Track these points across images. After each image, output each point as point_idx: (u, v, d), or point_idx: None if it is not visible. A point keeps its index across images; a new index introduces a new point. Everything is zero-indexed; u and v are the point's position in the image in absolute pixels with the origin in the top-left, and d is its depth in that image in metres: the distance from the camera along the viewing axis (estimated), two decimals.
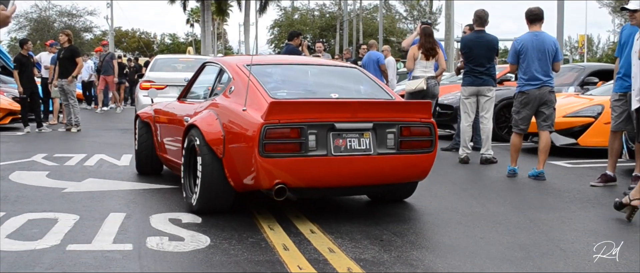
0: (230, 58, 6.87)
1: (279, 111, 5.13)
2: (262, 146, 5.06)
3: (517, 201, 6.48)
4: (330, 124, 5.25)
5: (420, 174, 5.78)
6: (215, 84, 6.53)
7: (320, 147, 5.23)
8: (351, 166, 5.36)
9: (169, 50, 76.94)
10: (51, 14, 55.04)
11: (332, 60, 16.47)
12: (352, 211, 6.03)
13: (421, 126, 5.56)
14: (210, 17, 44.72)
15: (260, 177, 5.17)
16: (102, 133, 13.79)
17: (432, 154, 5.65)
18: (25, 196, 6.46)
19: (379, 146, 5.42)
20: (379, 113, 5.47)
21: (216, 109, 5.86)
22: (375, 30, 48.63)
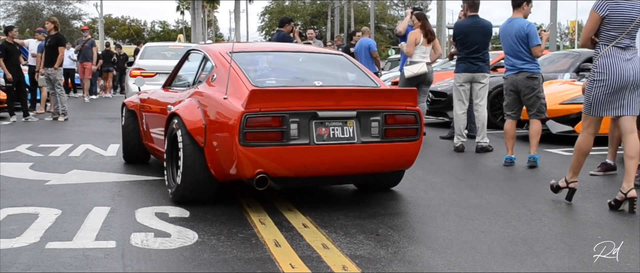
0: (214, 45, 6.68)
1: (260, 99, 5.00)
2: (243, 135, 4.93)
3: (516, 192, 6.27)
4: (312, 112, 5.12)
5: (405, 163, 5.65)
6: (199, 71, 6.36)
7: (302, 136, 5.10)
8: (334, 155, 5.23)
9: (159, 38, 76.53)
10: (39, 2, 54.45)
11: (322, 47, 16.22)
12: (346, 203, 5.81)
13: (406, 114, 5.44)
14: (201, 4, 44.30)
15: (241, 166, 5.04)
16: (90, 122, 13.51)
17: (418, 143, 5.54)
18: (5, 189, 6.21)
19: (363, 135, 5.29)
20: (363, 100, 5.34)
21: (198, 98, 5.71)
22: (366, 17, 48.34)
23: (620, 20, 5.39)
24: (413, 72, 9.81)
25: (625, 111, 5.47)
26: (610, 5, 5.40)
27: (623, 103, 5.45)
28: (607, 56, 5.43)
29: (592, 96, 5.50)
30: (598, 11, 5.45)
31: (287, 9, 54.89)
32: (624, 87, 5.41)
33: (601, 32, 5.49)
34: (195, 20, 42.96)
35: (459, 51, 9.10)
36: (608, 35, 5.45)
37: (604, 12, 5.42)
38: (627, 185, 5.33)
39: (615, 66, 5.40)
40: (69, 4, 55.71)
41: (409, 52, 9.89)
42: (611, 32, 5.43)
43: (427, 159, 8.30)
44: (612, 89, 5.41)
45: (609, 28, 5.43)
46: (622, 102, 5.44)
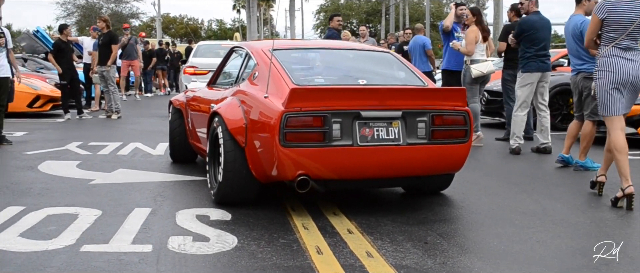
0: (256, 42, 6.53)
1: (301, 98, 4.82)
2: (283, 135, 4.76)
3: (575, 198, 5.93)
4: (355, 112, 4.91)
5: (454, 166, 5.38)
6: (242, 69, 6.20)
7: (345, 136, 4.89)
8: (378, 157, 5.00)
9: (215, 36, 77.15)
10: (98, 1, 55.42)
11: (375, 45, 15.97)
12: (394, 207, 5.56)
13: (455, 114, 5.17)
14: (256, 2, 44.40)
15: (281, 168, 4.87)
16: (142, 120, 13.53)
17: (467, 145, 5.26)
18: (50, 188, 6.15)
19: (409, 136, 5.06)
20: (409, 100, 5.09)
21: (240, 96, 5.58)
22: (422, 15, 47.80)
23: (619, 22, 5.51)
24: (482, 71, 9.41)
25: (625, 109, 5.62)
26: (609, 8, 5.55)
27: (624, 101, 5.57)
28: (606, 55, 5.57)
29: (600, 97, 5.62)
30: (598, 14, 5.60)
31: (342, 7, 54.66)
32: (623, 85, 5.51)
33: (602, 33, 5.63)
34: (250, 19, 43.07)
35: (525, 48, 8.65)
36: (608, 36, 5.59)
37: (603, 14, 5.57)
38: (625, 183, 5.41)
39: (614, 64, 5.51)
40: (126, 3, 56.61)
41: (470, 51, 9.49)
42: (611, 34, 5.56)
43: (481, 162, 8.01)
44: (613, 82, 5.51)
45: (609, 30, 5.57)
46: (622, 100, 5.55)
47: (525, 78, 8.63)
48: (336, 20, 13.31)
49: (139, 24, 59.87)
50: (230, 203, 5.39)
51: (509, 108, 9.92)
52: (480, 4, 52.67)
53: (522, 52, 8.68)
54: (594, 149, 7.52)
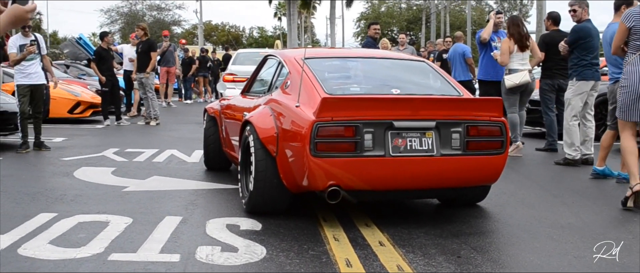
0: (289, 51, 6.49)
1: (332, 108, 4.75)
2: (314, 145, 4.70)
3: (617, 211, 5.74)
4: (388, 122, 4.82)
5: (489, 177, 5.27)
6: (275, 78, 6.17)
7: (377, 147, 4.80)
8: (412, 167, 4.90)
9: (257, 44, 77.56)
10: (141, 8, 56.13)
11: (414, 53, 15.84)
12: (427, 219, 5.44)
13: (490, 125, 5.04)
14: (296, 10, 44.49)
15: (312, 178, 4.81)
16: (180, 126, 13.59)
17: (503, 156, 5.13)
18: (83, 195, 6.16)
19: (443, 147, 4.95)
20: (443, 110, 4.99)
21: (272, 105, 5.53)
22: (463, 23, 47.41)
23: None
24: (514, 82, 9.21)
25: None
26: (636, 16, 5.72)
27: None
28: (632, 63, 5.76)
29: (621, 101, 5.88)
30: (625, 22, 5.81)
31: (383, 15, 54.45)
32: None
33: (629, 41, 5.80)
34: (291, 26, 43.20)
35: (580, 56, 8.33)
36: (635, 44, 5.76)
37: (631, 23, 5.75)
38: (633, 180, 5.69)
39: (638, 73, 5.70)
40: (169, 11, 57.20)
41: (503, 61, 9.32)
42: (637, 42, 5.74)
43: (520, 173, 7.84)
44: (636, 94, 5.71)
45: (636, 38, 5.75)
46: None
47: (580, 86, 8.36)
48: (373, 28, 13.22)
49: (180, 32, 60.45)
50: (261, 213, 5.34)
51: (548, 118, 9.72)
52: (523, 11, 52.16)
53: (577, 60, 8.38)
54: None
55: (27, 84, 9.21)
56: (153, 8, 56.47)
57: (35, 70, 9.26)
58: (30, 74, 9.22)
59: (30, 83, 9.23)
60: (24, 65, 9.22)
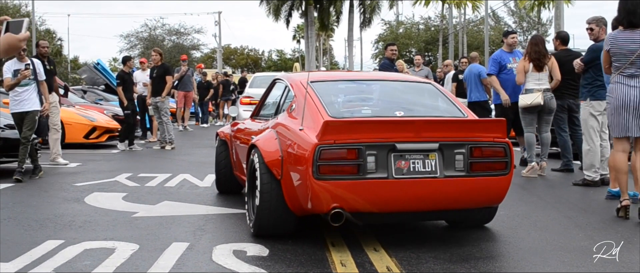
0: (295, 74, 6.51)
1: (335, 131, 4.77)
2: (317, 168, 4.71)
3: (631, 233, 5.62)
4: (391, 144, 4.83)
5: (494, 199, 5.24)
6: (281, 101, 6.22)
7: (380, 169, 4.81)
8: (415, 190, 4.89)
9: (276, 66, 77.86)
10: (160, 33, 56.54)
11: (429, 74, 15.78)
12: (437, 242, 5.35)
13: (495, 146, 5.04)
14: (314, 32, 44.69)
15: (316, 200, 4.81)
16: (195, 150, 13.60)
17: (508, 177, 5.10)
18: (92, 221, 6.14)
19: (447, 169, 4.94)
20: (446, 132, 5.00)
21: (277, 129, 5.57)
22: (481, 43, 47.31)
23: (620, 52, 6.21)
24: (526, 102, 9.12)
25: (630, 132, 6.19)
26: (611, 40, 6.30)
27: (630, 126, 6.17)
28: (614, 82, 6.29)
29: (610, 119, 6.38)
30: (605, 47, 6.37)
31: (401, 36, 54.42)
32: (626, 109, 6.16)
33: (612, 63, 6.33)
34: (309, 49, 43.39)
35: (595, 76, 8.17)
36: (614, 65, 6.31)
37: (607, 46, 6.32)
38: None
39: (618, 90, 6.21)
40: (188, 35, 57.57)
41: (519, 80, 9.25)
42: (616, 63, 6.27)
43: (534, 194, 7.73)
44: (615, 108, 6.22)
45: (614, 60, 6.29)
46: (629, 124, 6.17)
47: (595, 107, 8.23)
48: (390, 49, 13.22)
49: (200, 56, 60.81)
50: (268, 237, 5.31)
51: (561, 138, 9.61)
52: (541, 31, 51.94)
53: (592, 80, 8.25)
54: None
55: (18, 112, 9.05)
56: (172, 33, 56.87)
57: (29, 96, 9.09)
58: (22, 101, 9.03)
59: (21, 110, 9.02)
60: (17, 91, 9.05)
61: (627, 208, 6.16)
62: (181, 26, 57.61)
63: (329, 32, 65.66)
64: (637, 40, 6.16)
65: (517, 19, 60.90)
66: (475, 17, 55.50)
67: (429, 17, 57.38)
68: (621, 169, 6.26)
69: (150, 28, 56.34)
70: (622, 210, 6.20)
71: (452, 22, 48.67)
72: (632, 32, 6.23)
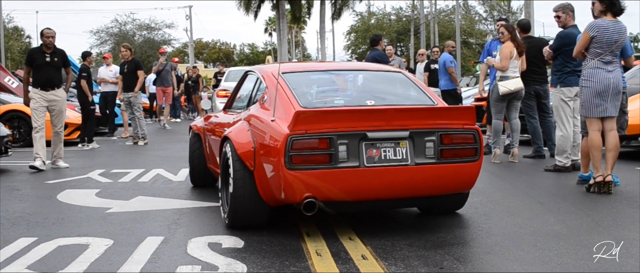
0: (267, 66, 6.52)
1: (306, 121, 4.80)
2: (289, 158, 4.74)
3: (602, 216, 5.70)
4: (362, 133, 4.87)
5: (464, 185, 5.30)
6: (253, 93, 6.25)
7: (351, 158, 4.86)
8: (386, 177, 4.95)
9: (248, 60, 77.56)
10: (131, 28, 56.06)
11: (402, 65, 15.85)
12: (411, 229, 5.38)
13: (464, 133, 5.10)
14: (286, 25, 44.56)
15: (288, 190, 4.84)
16: (168, 145, 13.53)
17: (478, 163, 5.17)
18: (65, 218, 6.09)
19: (417, 156, 5.00)
20: (416, 120, 5.05)
21: (249, 120, 5.59)
22: (453, 32, 47.51)
23: (605, 41, 6.66)
24: (509, 88, 9.16)
25: (607, 112, 6.70)
26: (599, 28, 6.66)
27: (607, 106, 6.68)
28: (592, 67, 6.73)
29: (584, 100, 6.78)
30: (589, 32, 6.71)
31: (373, 27, 54.40)
32: (605, 93, 6.66)
33: (590, 48, 6.75)
34: (281, 42, 43.27)
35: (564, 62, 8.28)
36: (595, 51, 6.73)
37: (593, 33, 6.68)
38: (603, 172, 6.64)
39: (598, 75, 6.68)
40: (159, 30, 57.17)
41: (504, 66, 9.22)
42: (597, 50, 6.70)
43: (507, 181, 7.81)
44: (596, 92, 6.67)
45: (596, 46, 6.70)
46: (605, 105, 6.68)
47: (565, 93, 8.32)
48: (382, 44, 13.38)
49: (171, 51, 60.40)
50: (242, 227, 5.35)
51: (531, 125, 9.71)
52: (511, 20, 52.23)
53: (561, 66, 8.34)
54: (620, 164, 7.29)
55: None
56: (143, 28, 56.42)
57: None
58: None
59: None
60: None
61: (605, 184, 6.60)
62: (152, 21, 57.35)
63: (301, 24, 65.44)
64: (619, 31, 6.68)
65: (488, 8, 61.24)
66: (447, 7, 55.73)
67: (400, 7, 57.49)
68: (598, 147, 6.71)
69: (120, 23, 55.90)
70: (595, 186, 6.64)
71: (423, 12, 48.78)
72: (616, 22, 6.71)
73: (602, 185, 6.64)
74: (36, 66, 9.71)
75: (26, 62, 10.02)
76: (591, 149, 6.75)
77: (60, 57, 9.90)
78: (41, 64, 9.71)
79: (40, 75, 9.71)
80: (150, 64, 33.06)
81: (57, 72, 9.88)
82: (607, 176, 6.64)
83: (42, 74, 9.71)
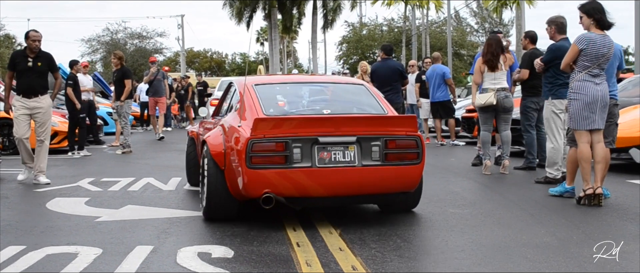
0: (246, 78, 6.89)
1: (265, 127, 5.53)
2: (249, 159, 5.47)
3: (592, 228, 5.71)
4: (314, 138, 5.57)
5: (408, 185, 5.92)
6: (232, 102, 6.98)
7: (304, 159, 5.55)
8: (336, 177, 5.62)
9: (239, 69, 77.52)
10: (122, 37, 55.98)
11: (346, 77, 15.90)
12: (400, 240, 5.33)
13: (407, 139, 5.77)
14: (278, 35, 44.62)
15: (249, 187, 5.55)
16: (159, 154, 13.49)
17: (419, 166, 5.84)
18: (54, 226, 6.06)
19: (364, 159, 5.65)
20: (363, 127, 5.72)
21: (223, 126, 6.36)
22: (444, 44, 47.70)
23: (594, 54, 6.67)
24: (480, 102, 9.25)
25: (596, 125, 6.74)
26: (588, 41, 6.68)
27: (595, 118, 6.72)
28: (580, 80, 6.75)
29: (572, 113, 6.79)
30: (578, 45, 6.73)
31: (364, 37, 54.55)
32: (594, 105, 6.69)
33: (578, 61, 6.76)
34: (273, 51, 43.32)
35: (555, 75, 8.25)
36: (583, 64, 6.74)
37: (583, 45, 6.69)
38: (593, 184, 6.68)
39: (586, 88, 6.70)
40: (150, 39, 57.10)
41: (474, 80, 9.40)
42: (586, 63, 6.72)
43: (497, 192, 7.83)
44: (584, 104, 6.69)
45: (585, 59, 6.72)
46: (594, 117, 6.71)
47: (556, 105, 8.32)
48: None
49: (163, 59, 60.33)
50: (215, 219, 6.08)
51: (528, 137, 9.72)
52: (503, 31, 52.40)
53: (553, 79, 8.34)
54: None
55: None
56: (134, 36, 56.35)
57: None
58: None
59: None
60: None
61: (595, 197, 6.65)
62: (144, 30, 57.19)
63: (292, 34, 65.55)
64: (607, 45, 6.74)
65: (479, 19, 61.51)
66: (438, 18, 55.95)
67: (392, 18, 57.57)
68: (588, 159, 6.74)
69: (112, 32, 55.79)
70: (585, 198, 6.68)
71: (415, 23, 48.95)
72: (604, 36, 6.76)
73: (593, 197, 6.66)
74: (18, 71, 9.07)
75: (8, 66, 9.36)
76: (581, 162, 6.76)
77: (45, 62, 9.13)
78: (23, 69, 9.02)
79: (21, 81, 9.06)
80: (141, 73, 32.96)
81: (40, 78, 9.13)
82: (597, 188, 6.67)
83: (23, 80, 9.04)
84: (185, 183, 8.73)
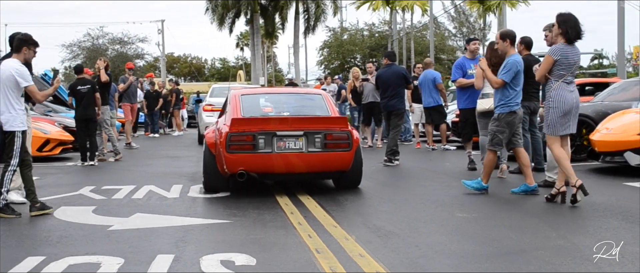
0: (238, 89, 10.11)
1: (239, 125, 8.01)
2: (228, 146, 7.91)
3: (603, 231, 5.81)
4: (273, 132, 8.00)
5: (342, 166, 8.24)
6: (226, 106, 9.41)
7: (267, 147, 7.98)
8: (289, 159, 8.04)
9: (219, 74, 77.32)
10: (103, 42, 55.68)
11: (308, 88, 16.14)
12: (425, 247, 5.44)
13: (341, 133, 8.17)
14: (260, 40, 44.64)
15: (229, 165, 7.96)
16: (153, 161, 13.44)
17: (350, 152, 8.15)
18: (68, 235, 6.06)
19: (309, 147, 8.06)
20: (309, 124, 8.13)
21: (217, 124, 8.88)
22: (425, 49, 47.96)
23: (567, 63, 7.15)
24: (484, 107, 9.32)
25: (570, 130, 7.32)
26: (562, 52, 7.15)
27: (570, 124, 7.29)
28: (557, 89, 7.20)
29: (550, 120, 7.28)
30: (553, 56, 7.18)
31: (346, 42, 54.60)
32: (570, 112, 7.23)
33: (553, 71, 7.22)
34: (254, 57, 43.31)
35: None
36: (558, 73, 7.21)
37: (557, 56, 7.16)
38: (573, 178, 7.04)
39: (564, 96, 7.18)
40: (131, 44, 56.86)
41: (477, 84, 9.41)
42: (561, 72, 7.19)
43: (500, 197, 7.91)
44: (562, 112, 7.19)
45: (560, 68, 7.19)
46: (569, 123, 7.27)
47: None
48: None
49: (143, 65, 60.06)
50: (211, 190, 8.48)
51: (524, 140, 9.80)
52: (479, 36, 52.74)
53: None
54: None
55: None
56: (115, 42, 56.08)
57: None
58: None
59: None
60: None
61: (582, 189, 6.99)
62: (125, 35, 56.90)
63: (273, 39, 65.53)
64: (577, 53, 7.28)
65: (457, 24, 61.84)
66: (419, 23, 56.15)
67: (373, 23, 57.72)
68: (566, 157, 7.23)
69: (93, 37, 55.47)
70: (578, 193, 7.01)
71: (396, 28, 49.15)
72: (573, 47, 7.21)
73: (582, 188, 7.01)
74: None
75: None
76: (561, 162, 7.17)
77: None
78: None
79: None
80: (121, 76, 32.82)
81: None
82: (561, 187, 7.28)
83: None
84: (187, 190, 8.77)
